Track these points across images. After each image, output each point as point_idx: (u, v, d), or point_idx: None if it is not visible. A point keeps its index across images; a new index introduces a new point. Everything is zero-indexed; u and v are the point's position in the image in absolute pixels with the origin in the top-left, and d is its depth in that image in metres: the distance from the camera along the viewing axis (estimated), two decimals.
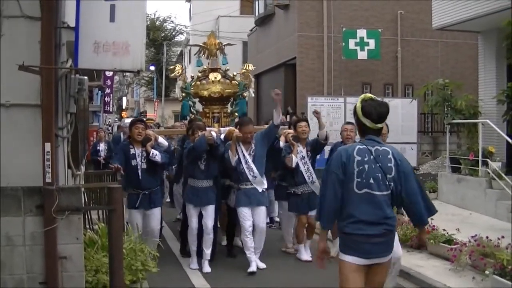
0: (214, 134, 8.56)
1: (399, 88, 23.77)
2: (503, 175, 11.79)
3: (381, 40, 21.27)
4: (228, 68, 10.82)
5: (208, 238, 8.64)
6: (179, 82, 10.49)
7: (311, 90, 21.92)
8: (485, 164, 12.44)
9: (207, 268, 8.56)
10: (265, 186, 8.76)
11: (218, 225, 9.44)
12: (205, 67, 10.57)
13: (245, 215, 8.50)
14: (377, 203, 4.68)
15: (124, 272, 5.64)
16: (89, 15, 5.07)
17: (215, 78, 10.36)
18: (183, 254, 9.40)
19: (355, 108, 4.94)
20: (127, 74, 52.81)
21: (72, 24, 5.22)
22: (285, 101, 22.82)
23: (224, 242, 9.93)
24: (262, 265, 8.65)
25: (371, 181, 4.68)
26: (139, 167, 8.31)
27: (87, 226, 8.00)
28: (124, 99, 72.74)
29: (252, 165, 8.56)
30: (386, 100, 19.63)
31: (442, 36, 23.02)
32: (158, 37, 54.24)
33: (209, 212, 8.64)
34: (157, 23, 55.75)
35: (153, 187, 8.49)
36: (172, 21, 75.50)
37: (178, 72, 10.55)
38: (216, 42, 10.75)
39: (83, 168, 9.81)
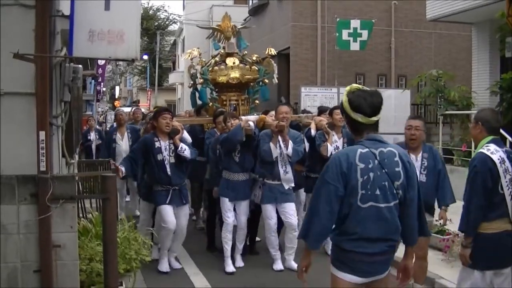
0: (252, 123, 8.07)
1: (392, 79, 23.84)
2: None
3: (375, 31, 21.31)
4: (246, 52, 10.28)
5: (242, 233, 8.28)
6: (197, 66, 9.83)
7: (305, 80, 21.96)
8: None
9: (239, 262, 8.29)
10: (293, 184, 8.23)
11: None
12: (221, 51, 10.02)
13: (270, 212, 8.08)
14: (383, 217, 3.97)
15: (118, 261, 5.65)
16: (83, 4, 5.04)
17: (234, 63, 9.72)
18: (212, 250, 9.06)
19: (341, 103, 4.20)
20: (120, 63, 52.67)
21: (67, 13, 5.19)
22: (278, 91, 22.85)
23: None
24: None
25: (377, 192, 3.94)
26: (166, 161, 7.80)
27: (81, 214, 7.99)
28: (117, 88, 72.57)
29: (287, 159, 8.02)
30: (380, 90, 19.80)
31: (436, 27, 23.09)
32: (151, 27, 54.07)
33: (244, 207, 8.23)
34: (150, 12, 55.59)
35: (183, 182, 8.11)
36: (165, 11, 75.67)
37: (195, 56, 9.95)
38: (232, 25, 10.19)
39: (76, 157, 9.77)
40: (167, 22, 58.11)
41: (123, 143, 11.25)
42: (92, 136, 15.11)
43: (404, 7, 23.86)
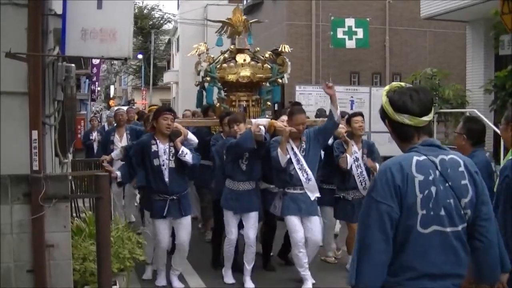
0: (262, 128, 7.09)
1: (387, 77, 23.90)
2: None
3: (369, 29, 21.32)
4: (258, 49, 9.41)
5: (250, 251, 7.41)
6: (203, 63, 8.89)
7: (299, 78, 21.94)
8: None
9: (249, 284, 7.37)
10: (318, 194, 7.30)
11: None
12: (231, 47, 9.12)
13: (295, 225, 7.14)
14: (451, 246, 3.00)
15: (112, 260, 5.64)
16: (76, 2, 5.03)
17: (244, 60, 8.84)
18: (216, 266, 8.15)
19: (381, 107, 3.25)
20: (115, 62, 52.61)
21: (59, 11, 5.18)
22: None
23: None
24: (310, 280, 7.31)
25: (442, 212, 2.97)
26: (165, 166, 6.96)
27: (75, 214, 7.96)
28: (112, 87, 72.54)
29: (306, 166, 7.14)
30: (374, 89, 19.75)
31: (430, 25, 23.15)
32: (146, 26, 54.03)
33: (252, 220, 7.35)
34: (145, 11, 55.54)
35: (183, 190, 7.17)
36: (160, 9, 75.70)
37: (203, 51, 9.02)
38: (243, 19, 9.26)
39: (70, 156, 9.70)
40: (161, 21, 58.04)
41: (122, 145, 10.09)
42: (94, 135, 15.00)
43: (398, 5, 23.91)
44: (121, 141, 10.56)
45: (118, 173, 7.03)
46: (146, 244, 7.10)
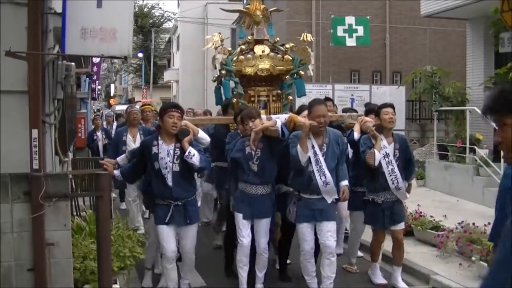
0: (279, 122, 6.55)
1: (387, 75, 23.87)
2: (490, 162, 11.87)
3: (369, 27, 21.31)
4: (277, 39, 8.72)
5: (261, 258, 6.88)
6: (218, 55, 8.10)
7: None
8: (473, 151, 12.51)
9: None
10: (336, 196, 6.65)
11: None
12: (249, 38, 8.41)
13: (306, 234, 6.59)
14: None
15: (112, 258, 5.64)
16: (76, 1, 5.04)
17: (263, 51, 8.11)
18: (228, 273, 7.77)
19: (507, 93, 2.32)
20: (115, 61, 52.62)
21: (59, 10, 5.19)
22: None
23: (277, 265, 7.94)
24: None
25: None
26: (168, 169, 6.32)
27: (75, 212, 7.96)
28: (112, 86, 72.53)
29: (325, 167, 6.48)
30: (374, 87, 19.75)
31: (431, 23, 23.14)
32: (146, 24, 54.01)
33: (263, 226, 6.79)
34: (145, 10, 55.53)
35: (189, 195, 6.50)
36: (160, 8, 75.65)
37: (219, 44, 8.23)
38: (262, 8, 8.55)
39: (70, 154, 9.67)
40: (162, 20, 58.01)
41: (135, 146, 9.38)
42: (99, 135, 14.85)
43: (398, 3, 23.90)
44: (134, 141, 9.83)
45: (117, 172, 6.64)
46: (148, 249, 7.08)
